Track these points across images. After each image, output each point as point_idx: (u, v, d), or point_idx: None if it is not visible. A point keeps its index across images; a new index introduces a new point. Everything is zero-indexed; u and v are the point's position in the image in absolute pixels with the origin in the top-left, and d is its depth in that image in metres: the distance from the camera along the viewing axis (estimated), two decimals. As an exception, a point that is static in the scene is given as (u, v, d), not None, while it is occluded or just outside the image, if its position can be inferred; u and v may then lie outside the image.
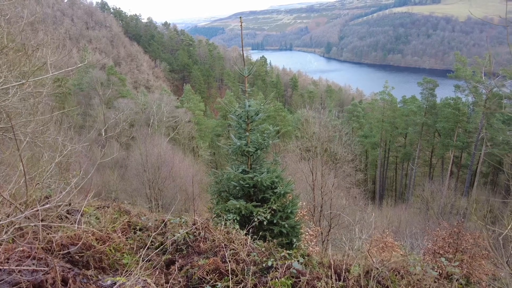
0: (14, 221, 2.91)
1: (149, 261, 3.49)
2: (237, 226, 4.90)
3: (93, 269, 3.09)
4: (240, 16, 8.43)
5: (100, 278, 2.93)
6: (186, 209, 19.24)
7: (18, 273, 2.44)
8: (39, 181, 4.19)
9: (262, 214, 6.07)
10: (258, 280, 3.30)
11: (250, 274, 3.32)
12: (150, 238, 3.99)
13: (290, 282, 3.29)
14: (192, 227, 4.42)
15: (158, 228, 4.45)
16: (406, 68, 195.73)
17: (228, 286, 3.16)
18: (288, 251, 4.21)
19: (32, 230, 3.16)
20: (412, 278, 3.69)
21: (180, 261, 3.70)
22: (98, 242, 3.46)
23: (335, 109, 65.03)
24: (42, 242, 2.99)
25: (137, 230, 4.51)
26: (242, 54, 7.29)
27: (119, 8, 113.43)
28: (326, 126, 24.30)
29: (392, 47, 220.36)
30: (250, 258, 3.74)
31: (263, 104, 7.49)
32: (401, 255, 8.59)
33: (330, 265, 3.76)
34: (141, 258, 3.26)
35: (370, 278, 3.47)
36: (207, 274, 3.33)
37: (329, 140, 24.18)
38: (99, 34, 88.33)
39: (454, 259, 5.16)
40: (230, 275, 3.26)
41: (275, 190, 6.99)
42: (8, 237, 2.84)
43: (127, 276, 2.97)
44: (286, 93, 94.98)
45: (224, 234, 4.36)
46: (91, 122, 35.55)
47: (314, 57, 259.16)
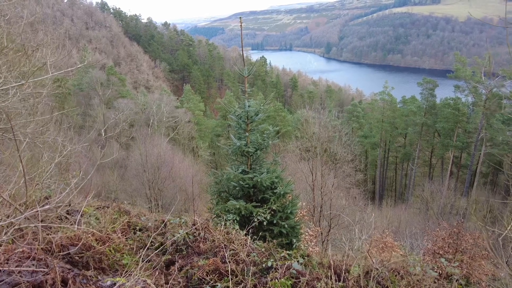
0: (14, 222, 2.91)
1: (149, 261, 3.49)
2: (237, 227, 4.90)
3: (93, 269, 3.09)
4: (240, 16, 8.44)
5: (100, 278, 2.92)
6: (186, 209, 19.23)
7: (18, 274, 2.44)
8: (39, 181, 4.19)
9: (262, 214, 6.06)
10: (258, 280, 3.30)
11: (250, 274, 3.32)
12: (150, 239, 3.99)
13: (290, 282, 3.29)
14: (192, 228, 4.42)
15: (158, 228, 4.44)
16: (406, 68, 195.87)
17: (228, 287, 3.16)
18: (288, 252, 4.20)
19: (31, 231, 3.16)
20: (412, 279, 3.69)
21: (180, 261, 3.70)
22: (98, 243, 3.46)
23: (335, 109, 65.07)
24: (42, 243, 2.99)
25: (137, 231, 4.50)
26: (242, 54, 7.29)
27: (119, 8, 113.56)
28: (326, 126, 24.28)
29: (392, 47, 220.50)
30: (250, 258, 3.74)
31: (263, 104, 7.49)
32: (401, 256, 8.60)
33: (330, 265, 3.76)
34: (141, 258, 3.25)
35: (370, 279, 3.47)
36: (207, 275, 3.33)
37: (329, 140, 24.17)
38: (99, 34, 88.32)
39: (454, 260, 5.16)
40: (230, 276, 3.26)
41: (275, 191, 6.99)
42: (8, 238, 2.84)
43: (127, 276, 2.97)
44: (286, 93, 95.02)
45: (224, 235, 4.36)
46: (91, 122, 35.55)
47: (314, 57, 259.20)
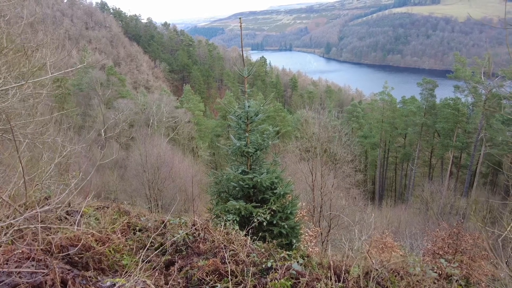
0: (14, 223, 2.91)
1: (148, 262, 3.49)
2: (236, 227, 4.89)
3: (92, 270, 3.08)
4: (239, 16, 8.45)
5: (99, 279, 2.92)
6: (186, 209, 19.22)
7: (17, 274, 2.44)
8: (39, 182, 4.19)
9: (262, 214, 6.06)
10: (257, 281, 3.30)
11: (250, 275, 3.32)
12: (150, 239, 3.98)
13: (290, 283, 3.29)
14: (191, 228, 4.41)
15: (157, 229, 4.43)
16: (406, 68, 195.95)
17: (227, 287, 3.16)
18: (287, 252, 4.20)
19: (31, 232, 3.16)
20: (411, 279, 3.69)
21: (179, 262, 3.69)
22: (97, 243, 3.45)
23: (335, 109, 65.06)
24: (41, 244, 2.99)
25: (136, 231, 4.50)
26: (241, 54, 7.29)
27: (119, 8, 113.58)
28: (325, 127, 24.29)
29: (391, 48, 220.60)
30: (249, 259, 3.74)
31: (263, 104, 7.49)
32: (400, 256, 8.60)
33: (329, 266, 3.76)
34: (140, 259, 3.25)
35: (370, 279, 3.47)
36: (207, 275, 3.33)
37: (328, 140, 24.18)
38: (99, 34, 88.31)
39: (454, 260, 5.16)
40: (229, 276, 3.26)
41: (275, 191, 6.99)
42: (7, 239, 2.84)
43: (127, 277, 2.96)
44: (286, 93, 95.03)
45: (223, 235, 4.35)
46: (91, 123, 35.56)
47: (313, 57, 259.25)
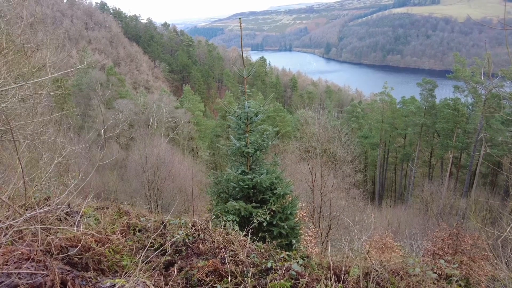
0: (13, 224, 2.91)
1: (148, 262, 3.48)
2: (236, 228, 4.89)
3: (92, 271, 3.08)
4: (239, 16, 8.43)
5: (99, 280, 2.92)
6: (186, 210, 19.22)
7: (17, 275, 2.43)
8: (38, 182, 4.19)
9: (262, 215, 6.06)
10: (257, 282, 3.30)
11: (250, 276, 3.32)
12: (150, 240, 3.98)
13: (290, 284, 3.29)
14: (191, 229, 4.41)
15: (157, 229, 4.43)
16: (406, 68, 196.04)
17: (227, 288, 3.16)
18: (287, 253, 4.20)
19: (31, 232, 3.15)
20: (411, 280, 3.69)
21: (179, 262, 3.69)
22: (97, 244, 3.45)
23: (335, 109, 65.01)
24: (41, 245, 2.99)
25: (136, 232, 4.49)
26: (241, 54, 7.29)
27: (119, 8, 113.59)
28: (325, 127, 24.31)
29: (391, 48, 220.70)
30: (249, 259, 3.74)
31: (263, 105, 7.48)
32: (400, 256, 8.60)
33: (329, 266, 3.76)
34: (140, 259, 3.25)
35: (370, 280, 3.47)
36: (206, 276, 3.32)
37: (328, 140, 24.18)
38: (99, 34, 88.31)
39: (454, 261, 5.16)
40: (229, 277, 3.26)
41: (275, 191, 6.98)
42: (7, 240, 2.83)
43: (126, 278, 2.96)
44: (286, 93, 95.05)
45: (223, 236, 4.35)
46: (91, 123, 35.56)
47: (313, 57, 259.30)
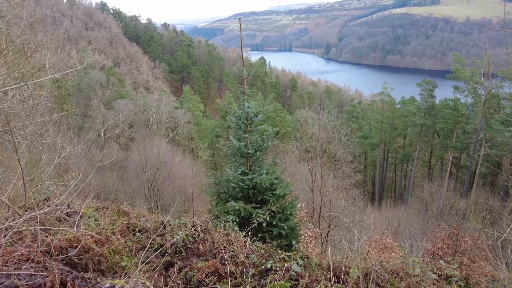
0: (13, 225, 2.91)
1: (148, 263, 3.48)
2: (236, 228, 4.89)
3: (91, 271, 3.08)
4: (239, 17, 8.44)
5: (99, 280, 2.92)
6: (185, 210, 19.21)
7: (17, 276, 2.43)
8: (38, 183, 4.18)
9: (261, 215, 6.06)
10: (257, 282, 3.30)
11: (249, 276, 3.32)
12: (149, 240, 3.98)
13: (289, 284, 3.29)
14: (191, 229, 4.41)
15: (157, 230, 4.43)
16: (405, 69, 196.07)
17: (227, 289, 3.15)
18: (287, 253, 4.19)
19: (30, 233, 3.15)
20: (411, 280, 3.69)
21: (179, 263, 3.69)
22: (97, 245, 3.45)
23: (334, 110, 65.02)
24: (40, 245, 2.99)
25: (136, 232, 4.49)
26: (241, 55, 7.29)
27: (119, 8, 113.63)
28: (325, 127, 24.31)
29: (391, 48, 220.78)
30: (249, 260, 3.74)
31: (262, 105, 7.48)
32: (400, 257, 8.60)
33: (329, 267, 3.76)
34: (140, 260, 3.25)
35: (369, 281, 3.47)
36: (206, 277, 3.32)
37: (328, 141, 24.18)
38: (99, 35, 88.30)
39: (453, 261, 5.16)
40: (229, 278, 3.26)
41: (275, 192, 6.98)
42: (6, 241, 2.83)
43: (126, 278, 2.96)
44: (286, 94, 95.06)
45: (223, 236, 4.35)
46: (90, 123, 35.55)
47: (313, 58, 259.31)
